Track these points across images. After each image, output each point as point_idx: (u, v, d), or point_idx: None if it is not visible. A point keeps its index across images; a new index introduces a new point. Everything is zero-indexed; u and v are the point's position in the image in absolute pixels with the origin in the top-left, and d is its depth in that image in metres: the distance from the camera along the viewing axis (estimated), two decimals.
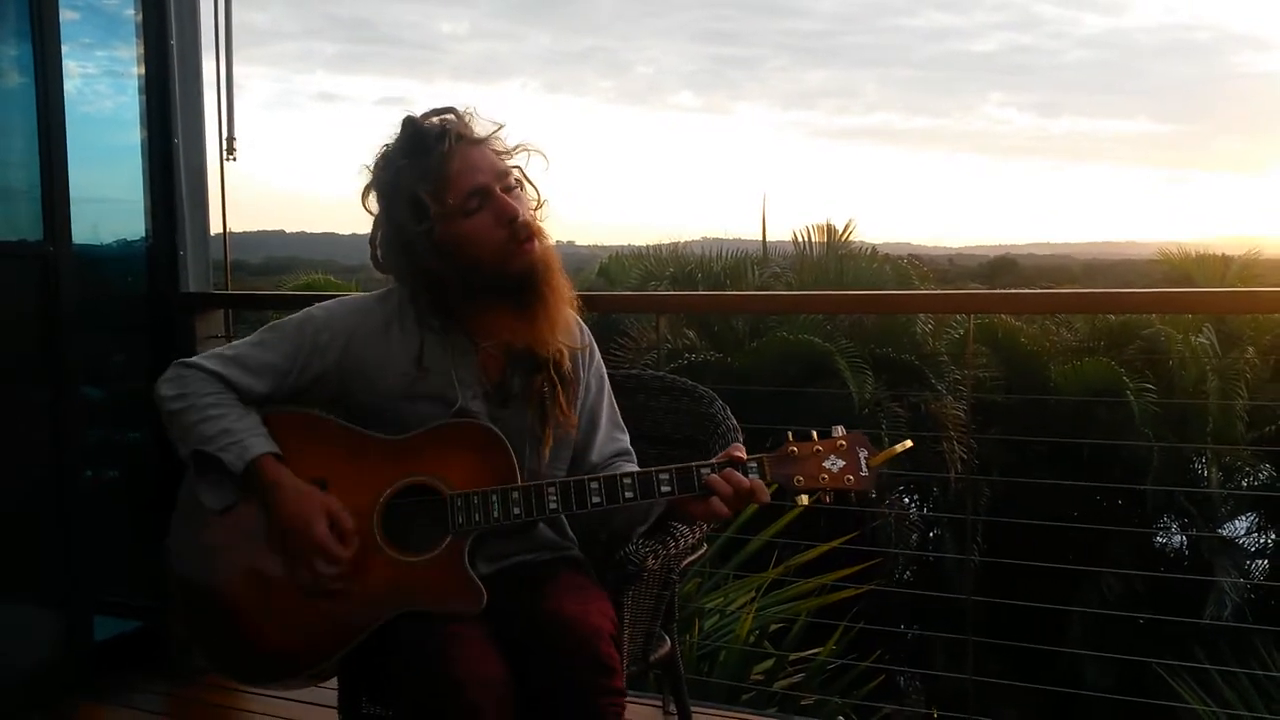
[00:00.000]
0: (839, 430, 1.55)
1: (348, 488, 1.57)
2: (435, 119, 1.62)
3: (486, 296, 1.61)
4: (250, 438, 1.56)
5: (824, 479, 1.53)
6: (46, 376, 2.57)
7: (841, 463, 1.53)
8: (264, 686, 1.76)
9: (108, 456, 3.07)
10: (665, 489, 1.52)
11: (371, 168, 1.65)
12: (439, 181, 1.57)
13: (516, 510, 1.53)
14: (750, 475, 1.52)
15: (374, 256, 1.68)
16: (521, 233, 1.59)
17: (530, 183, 1.67)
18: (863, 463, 1.54)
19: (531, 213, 1.64)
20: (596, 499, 1.53)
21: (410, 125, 1.62)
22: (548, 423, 1.67)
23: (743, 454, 1.55)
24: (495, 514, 1.53)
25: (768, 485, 1.53)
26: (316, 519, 1.52)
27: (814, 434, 1.55)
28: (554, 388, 1.67)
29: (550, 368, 1.67)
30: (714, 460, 1.54)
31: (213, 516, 1.61)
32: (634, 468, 1.73)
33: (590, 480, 1.54)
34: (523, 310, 1.60)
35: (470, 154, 1.60)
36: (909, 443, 1.58)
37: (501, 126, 1.65)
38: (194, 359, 1.64)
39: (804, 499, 1.53)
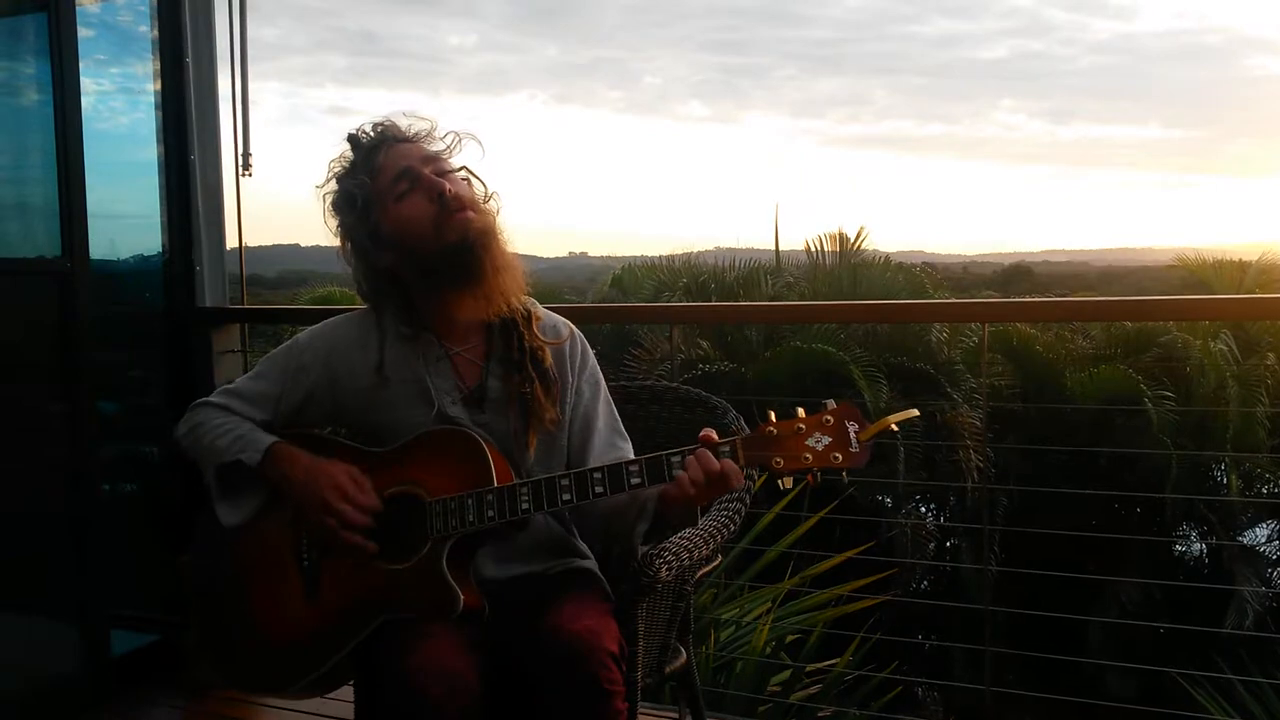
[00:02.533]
0: (829, 404, 1.44)
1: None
2: (364, 127, 1.70)
3: (439, 282, 1.64)
4: (263, 436, 1.66)
5: (807, 458, 1.42)
6: (64, 391, 2.58)
7: (827, 439, 1.42)
8: (263, 693, 1.80)
9: (125, 471, 3.09)
10: (635, 480, 1.48)
11: (324, 190, 1.72)
12: (369, 174, 1.64)
13: (491, 512, 1.52)
14: (723, 458, 1.46)
15: (360, 289, 1.74)
16: (451, 204, 1.62)
17: (477, 177, 1.71)
18: (852, 437, 1.42)
19: (467, 188, 1.67)
20: (567, 496, 1.51)
21: (348, 139, 1.70)
22: (530, 423, 1.67)
23: (714, 437, 1.48)
24: (470, 517, 1.53)
25: (744, 469, 1.47)
26: (324, 479, 1.58)
27: (799, 410, 1.45)
28: (533, 384, 1.68)
29: (528, 364, 1.68)
30: (685, 448, 1.48)
31: (230, 533, 1.67)
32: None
33: (560, 477, 1.52)
34: (468, 282, 1.62)
35: (398, 147, 1.67)
36: (914, 411, 1.47)
37: (434, 126, 1.70)
38: (204, 399, 1.75)
39: (788, 481, 1.44)
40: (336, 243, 1.72)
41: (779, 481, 1.45)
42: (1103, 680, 7.61)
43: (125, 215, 3.02)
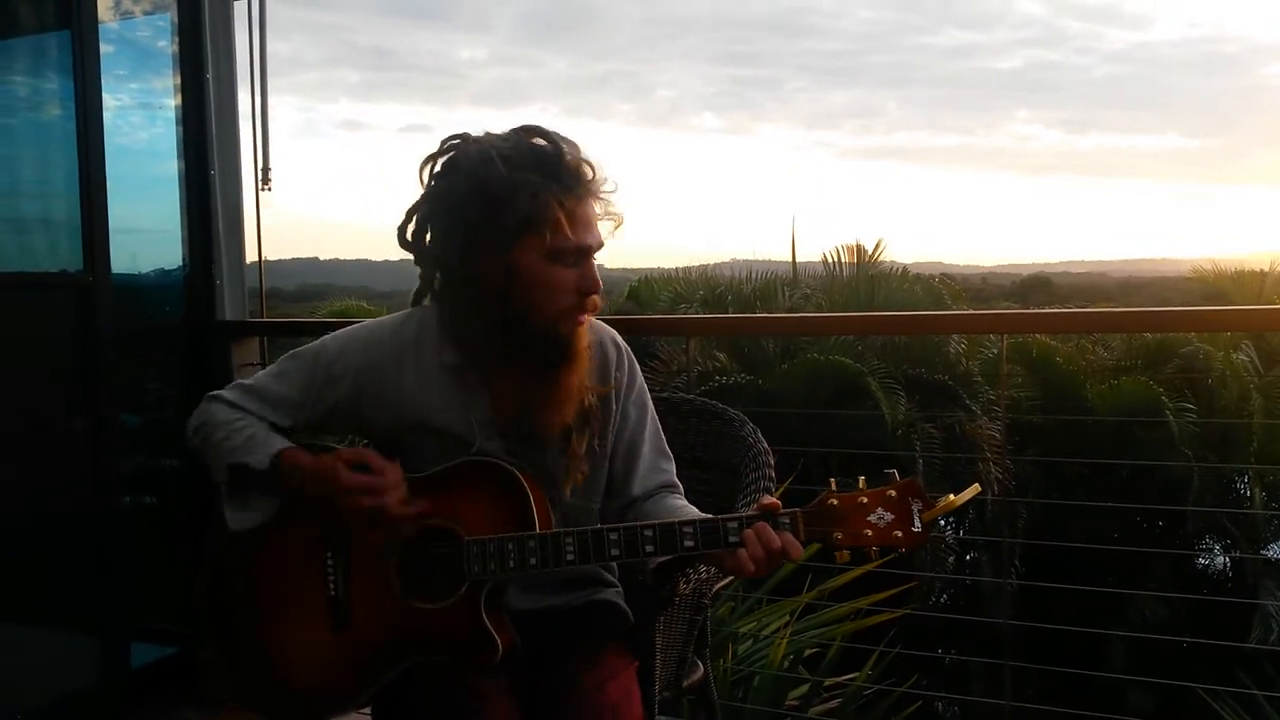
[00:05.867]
0: (893, 475, 1.40)
1: (366, 529, 1.54)
2: (570, 152, 1.49)
3: (515, 340, 1.53)
4: (275, 440, 1.57)
5: (868, 534, 1.39)
6: (85, 404, 2.60)
7: (890, 516, 1.39)
8: None
9: (145, 483, 3.11)
10: (689, 544, 1.43)
11: (462, 145, 1.52)
12: (551, 215, 1.45)
13: (533, 560, 1.46)
14: (782, 530, 1.40)
15: (403, 228, 1.57)
16: (590, 306, 1.52)
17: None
18: (915, 516, 1.38)
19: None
20: (615, 551, 1.44)
21: (549, 145, 1.49)
22: (570, 467, 1.59)
23: (776, 505, 1.42)
24: (511, 563, 1.47)
25: (803, 542, 1.41)
26: (338, 468, 1.49)
27: (861, 482, 1.41)
28: (569, 433, 1.59)
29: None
30: (743, 514, 1.43)
31: (247, 548, 1.61)
32: (680, 501, 1.67)
33: (609, 531, 1.45)
34: (544, 371, 1.53)
35: (589, 208, 1.50)
36: (976, 488, 1.42)
37: (615, 190, 1.54)
38: (218, 392, 1.64)
39: (845, 555, 1.40)
40: (398, 254, 1.56)
41: (836, 554, 1.41)
42: (1125, 696, 7.54)
43: (146, 229, 3.05)
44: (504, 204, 1.45)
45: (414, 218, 1.56)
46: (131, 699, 2.68)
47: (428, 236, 1.56)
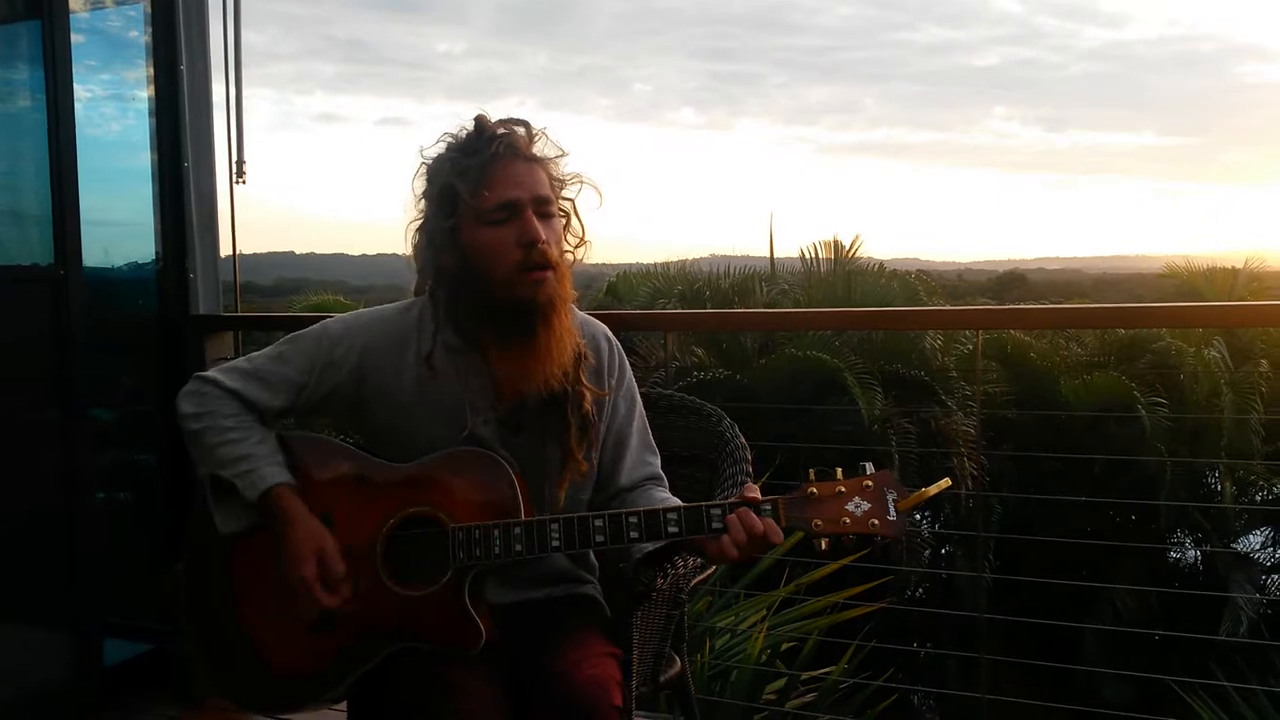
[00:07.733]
0: (868, 468, 1.46)
1: (352, 517, 1.55)
2: (490, 123, 1.59)
3: (491, 317, 1.57)
4: (266, 466, 1.56)
5: (846, 522, 1.43)
6: (57, 399, 2.58)
7: (867, 505, 1.44)
8: (268, 713, 1.74)
9: (118, 478, 3.08)
10: (673, 529, 1.46)
11: (427, 152, 1.62)
12: (477, 182, 1.53)
13: (518, 547, 1.48)
14: (764, 516, 1.45)
15: (417, 279, 1.66)
16: (536, 258, 1.53)
17: (578, 218, 1.63)
18: (890, 506, 1.44)
19: (560, 245, 1.59)
20: (600, 538, 1.47)
21: (476, 123, 1.59)
22: (565, 463, 1.62)
23: (757, 494, 1.46)
24: (496, 550, 1.48)
25: (783, 529, 1.45)
26: (306, 560, 1.51)
27: (838, 472, 1.46)
28: (567, 430, 1.61)
29: (569, 409, 1.61)
30: (726, 501, 1.47)
31: (225, 540, 1.60)
32: (664, 493, 1.70)
33: (594, 518, 1.48)
34: (514, 342, 1.55)
35: (516, 166, 1.56)
36: (946, 481, 1.47)
37: (564, 155, 1.61)
38: (214, 374, 1.62)
39: (824, 543, 1.44)
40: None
41: (814, 542, 1.45)
42: (1099, 687, 7.62)
43: (118, 222, 3.02)
44: (441, 189, 1.57)
45: (416, 263, 1.65)
46: (105, 697, 2.66)
47: (413, 236, 1.64)
